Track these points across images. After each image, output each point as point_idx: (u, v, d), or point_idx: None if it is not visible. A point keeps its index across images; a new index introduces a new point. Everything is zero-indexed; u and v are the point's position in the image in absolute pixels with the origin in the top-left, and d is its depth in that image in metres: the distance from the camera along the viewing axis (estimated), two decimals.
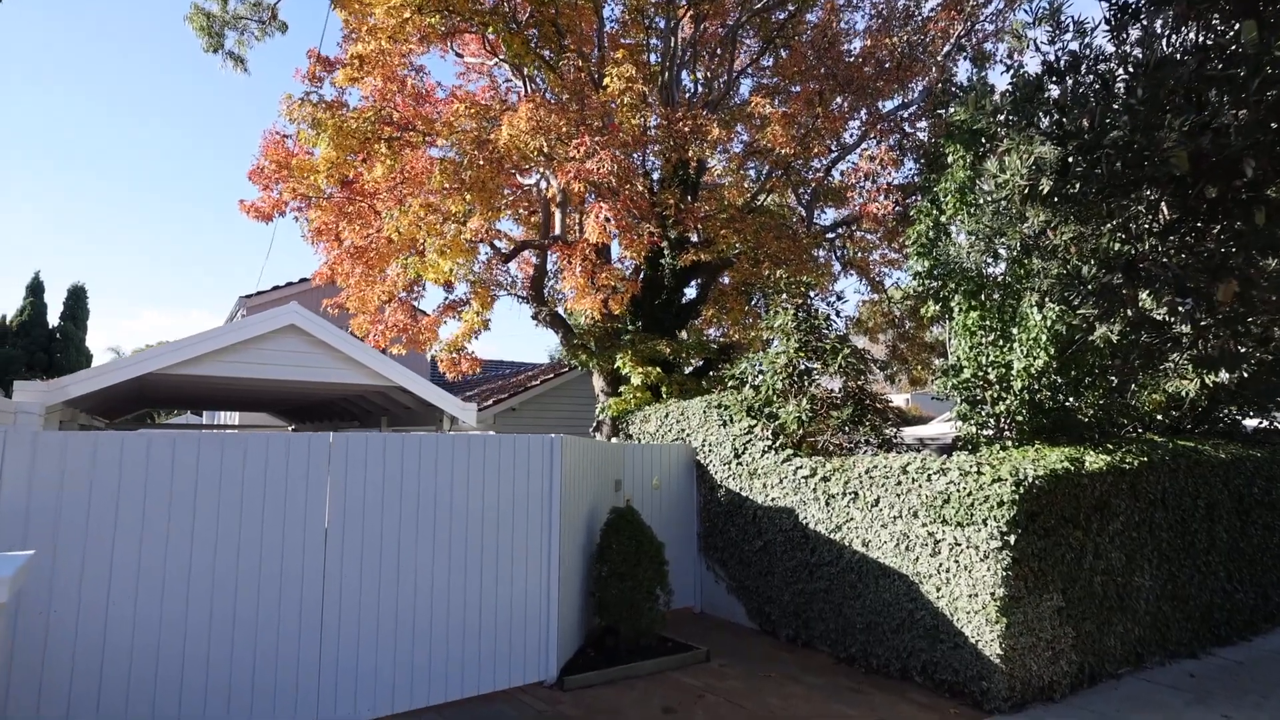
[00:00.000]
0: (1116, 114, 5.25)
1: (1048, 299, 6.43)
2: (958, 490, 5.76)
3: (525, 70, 11.27)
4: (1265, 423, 9.20)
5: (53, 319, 24.97)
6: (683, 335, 12.90)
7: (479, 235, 11.00)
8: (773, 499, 7.50)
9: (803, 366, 8.24)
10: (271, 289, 17.26)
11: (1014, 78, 6.47)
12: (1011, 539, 5.43)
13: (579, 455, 6.91)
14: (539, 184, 11.52)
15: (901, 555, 6.18)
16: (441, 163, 9.97)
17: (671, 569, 7.10)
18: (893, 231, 13.06)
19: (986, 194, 6.30)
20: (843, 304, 15.59)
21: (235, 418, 18.52)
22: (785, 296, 8.86)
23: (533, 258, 12.69)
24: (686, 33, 12.25)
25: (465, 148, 9.75)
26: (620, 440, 10.08)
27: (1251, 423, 9.19)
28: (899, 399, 21.01)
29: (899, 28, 12.57)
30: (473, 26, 10.90)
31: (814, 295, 9.09)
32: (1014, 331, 6.74)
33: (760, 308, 13.23)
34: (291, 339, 8.09)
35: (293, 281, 17.37)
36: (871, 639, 6.42)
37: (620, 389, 10.81)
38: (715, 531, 8.33)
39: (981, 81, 7.18)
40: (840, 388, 8.26)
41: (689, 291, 12.94)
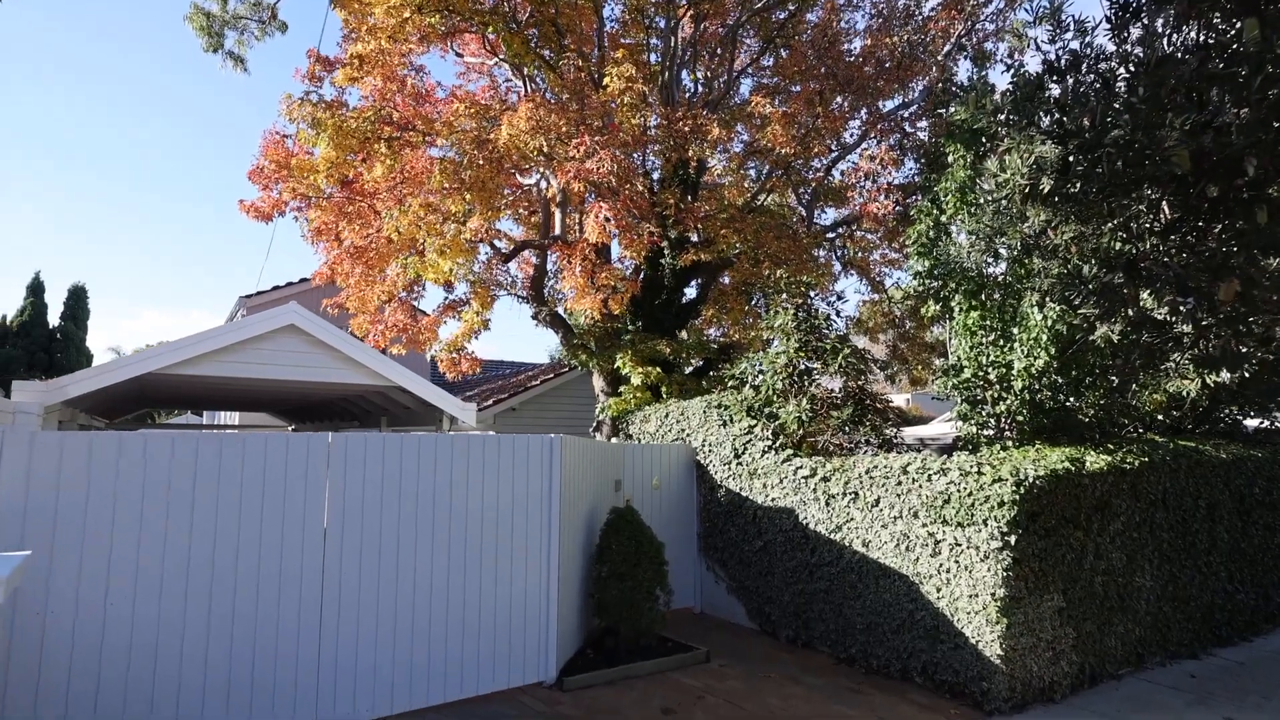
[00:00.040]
0: (1117, 113, 5.23)
1: (1048, 299, 6.42)
2: (958, 490, 5.75)
3: (525, 70, 11.26)
4: (1266, 423, 9.18)
5: (53, 319, 24.97)
6: (683, 335, 12.89)
7: (479, 235, 10.99)
8: (773, 499, 7.48)
9: (803, 366, 8.23)
10: (272, 289, 17.26)
11: (1015, 77, 6.45)
12: (1012, 539, 5.42)
13: (579, 455, 6.90)
14: (539, 184, 11.51)
15: (902, 555, 6.16)
16: (441, 162, 9.96)
17: (671, 569, 7.09)
18: (893, 231, 13.06)
19: (987, 193, 6.29)
20: (843, 304, 15.63)
21: (235, 418, 18.51)
22: (785, 296, 8.85)
23: (533, 257, 12.68)
24: (686, 32, 12.24)
25: (465, 147, 9.74)
26: (620, 440, 10.06)
27: (1252, 423, 9.18)
28: (899, 399, 20.99)
29: (899, 27, 12.57)
30: (473, 26, 10.89)
31: (814, 295, 9.08)
32: (1014, 331, 6.73)
33: (760, 308, 13.22)
34: (291, 339, 8.09)
35: (293, 281, 17.36)
36: (872, 639, 6.40)
37: (620, 389, 10.80)
38: (715, 532, 8.31)
39: (982, 81, 7.16)
40: (840, 388, 8.25)
41: (689, 291, 12.93)
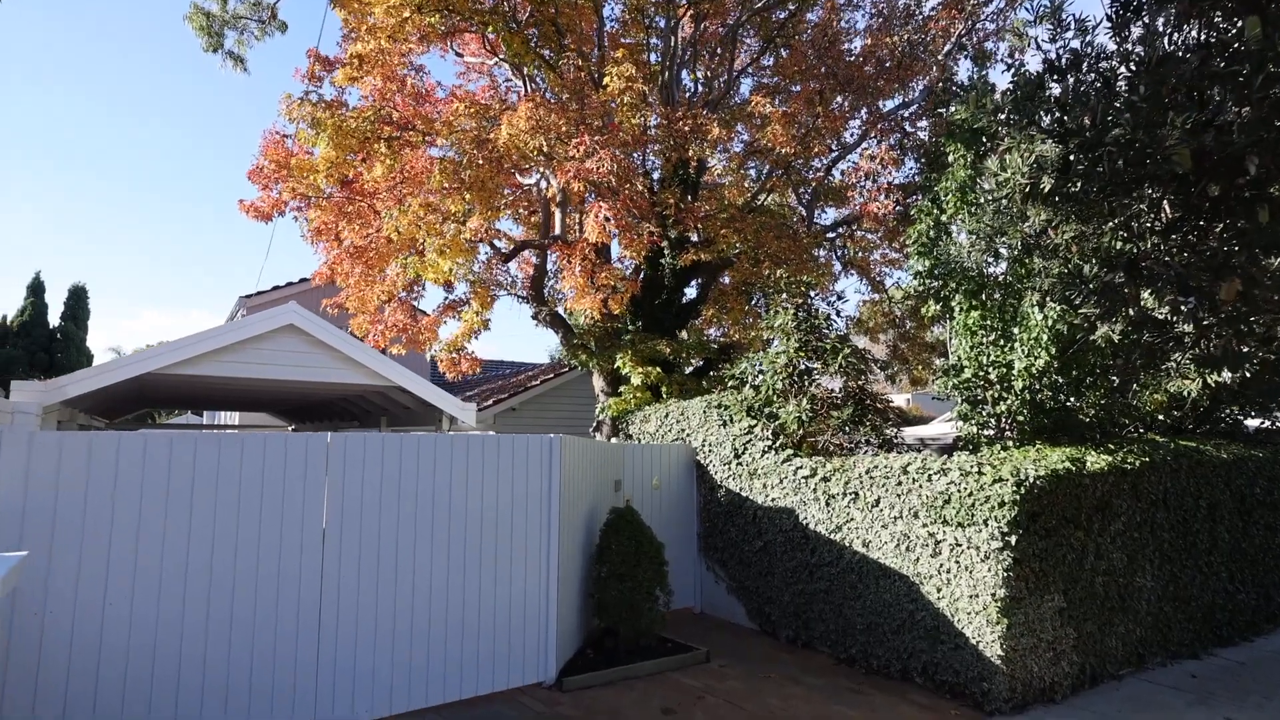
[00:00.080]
0: (1118, 111, 5.22)
1: (1049, 298, 6.40)
2: (958, 490, 5.73)
3: (525, 70, 11.25)
4: (1267, 423, 9.17)
5: (54, 319, 24.98)
6: (683, 335, 12.88)
7: (478, 235, 10.98)
8: (773, 499, 7.47)
9: (803, 366, 8.22)
10: (272, 289, 17.25)
11: (1015, 76, 6.43)
12: (1012, 539, 5.40)
13: (578, 455, 6.89)
14: (539, 184, 11.50)
15: (902, 556, 6.15)
16: (441, 162, 9.94)
17: (671, 569, 7.08)
18: (893, 231, 13.04)
19: (987, 193, 6.27)
20: (843, 304, 15.60)
21: (235, 418, 18.52)
22: (785, 296, 8.84)
23: (533, 257, 12.67)
24: (687, 32, 12.23)
25: (465, 147, 9.73)
26: (620, 440, 10.05)
27: (1253, 423, 9.17)
28: (900, 399, 20.98)
29: (900, 27, 12.56)
30: (472, 26, 10.88)
31: (814, 295, 9.06)
32: (1015, 331, 6.71)
33: (760, 307, 13.21)
34: (290, 339, 8.08)
35: (293, 281, 17.36)
36: (872, 640, 6.39)
37: (620, 389, 10.79)
38: (715, 532, 8.30)
39: (982, 80, 7.15)
40: (840, 388, 8.23)
41: (689, 291, 12.92)
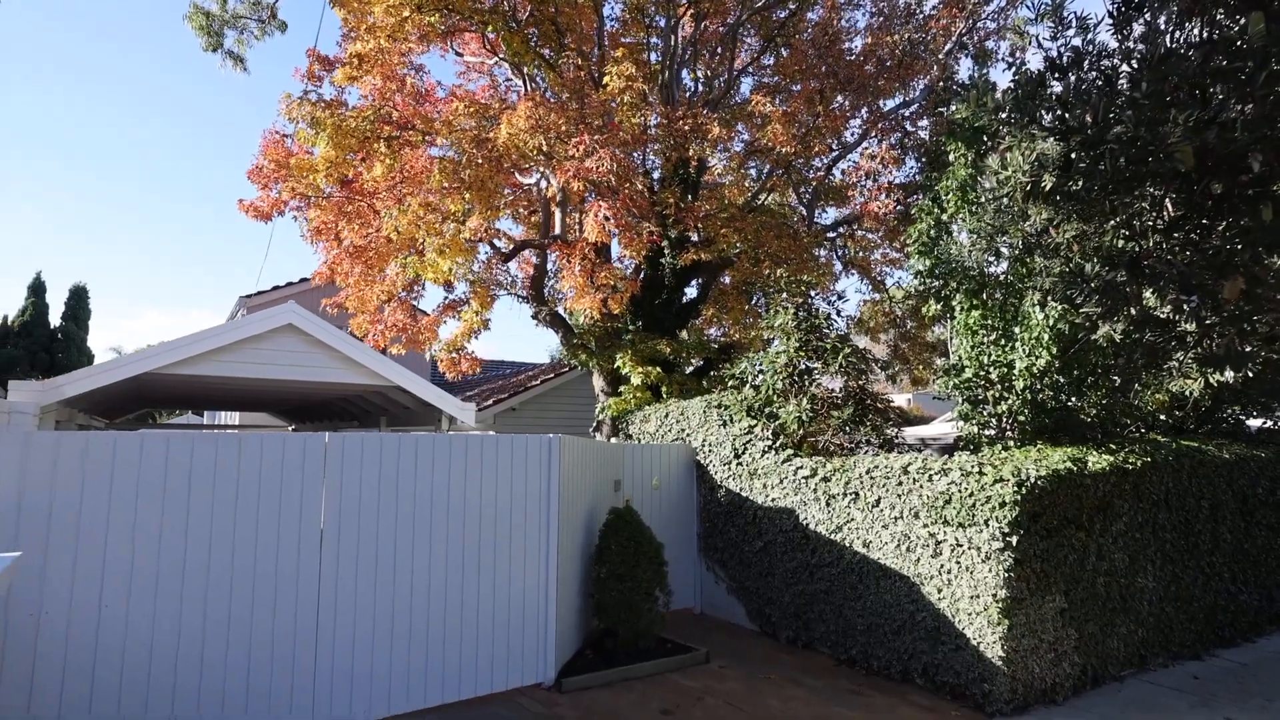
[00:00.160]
0: (1120, 109, 5.18)
1: (1050, 297, 6.37)
2: (959, 491, 5.70)
3: (525, 69, 11.23)
4: (1269, 423, 9.13)
5: (54, 319, 24.98)
6: (683, 335, 12.86)
7: (478, 234, 10.95)
8: (773, 499, 7.44)
9: (803, 366, 8.19)
10: (272, 289, 17.24)
11: (1016, 75, 6.40)
12: (1013, 540, 5.38)
13: (578, 455, 6.86)
14: (539, 183, 11.48)
15: (902, 556, 6.12)
16: (441, 162, 9.92)
17: (671, 570, 7.05)
18: (894, 230, 13.02)
19: (988, 191, 6.24)
20: (844, 303, 15.60)
21: (235, 418, 18.51)
22: (786, 296, 8.82)
23: (533, 257, 12.64)
24: (687, 31, 12.20)
25: (464, 147, 9.71)
26: (620, 440, 10.03)
27: (1255, 423, 9.13)
28: (900, 399, 20.94)
29: (900, 26, 12.53)
30: (472, 25, 10.86)
31: (815, 294, 9.05)
32: (1016, 330, 6.69)
33: (761, 307, 13.19)
34: (289, 339, 8.06)
35: (293, 281, 17.35)
36: (872, 641, 6.36)
37: (620, 389, 10.76)
38: (715, 532, 8.27)
39: (983, 79, 7.13)
40: (841, 387, 8.20)
41: (689, 291, 12.90)
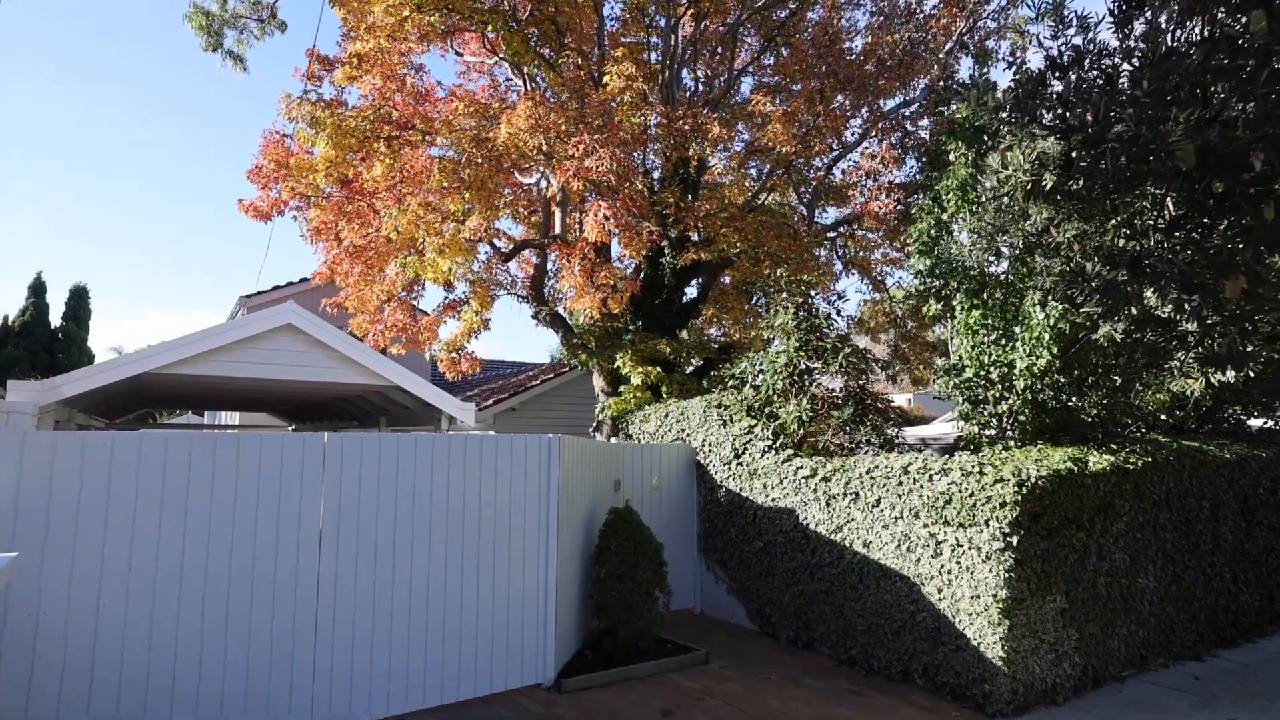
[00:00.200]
0: (1121, 107, 5.16)
1: (1051, 297, 6.35)
2: (959, 491, 5.69)
3: (525, 69, 11.22)
4: (1271, 423, 9.11)
5: (55, 319, 24.97)
6: (683, 335, 12.84)
7: (478, 234, 10.94)
8: (773, 499, 7.43)
9: (803, 366, 8.18)
10: (272, 289, 17.24)
11: (1017, 74, 6.39)
12: (1014, 540, 5.36)
13: (577, 455, 6.85)
14: (538, 183, 11.46)
15: (903, 556, 6.11)
16: (440, 161, 9.91)
17: (671, 570, 7.04)
18: (894, 230, 13.00)
19: (988, 191, 6.22)
20: (844, 303, 15.61)
21: (235, 418, 18.51)
22: (786, 295, 8.81)
23: (533, 257, 12.63)
24: (687, 31, 12.19)
25: (464, 146, 9.69)
26: (620, 440, 10.01)
27: (1256, 423, 9.11)
28: (901, 399, 20.92)
29: (900, 25, 12.51)
30: (472, 25, 10.85)
31: (815, 294, 9.05)
32: (1016, 330, 6.67)
33: (761, 307, 13.18)
34: (288, 338, 8.05)
35: (293, 281, 17.34)
36: (872, 641, 6.34)
37: (620, 389, 10.75)
38: (715, 532, 8.26)
39: (984, 78, 7.13)
40: (841, 387, 8.19)
41: (689, 291, 12.88)
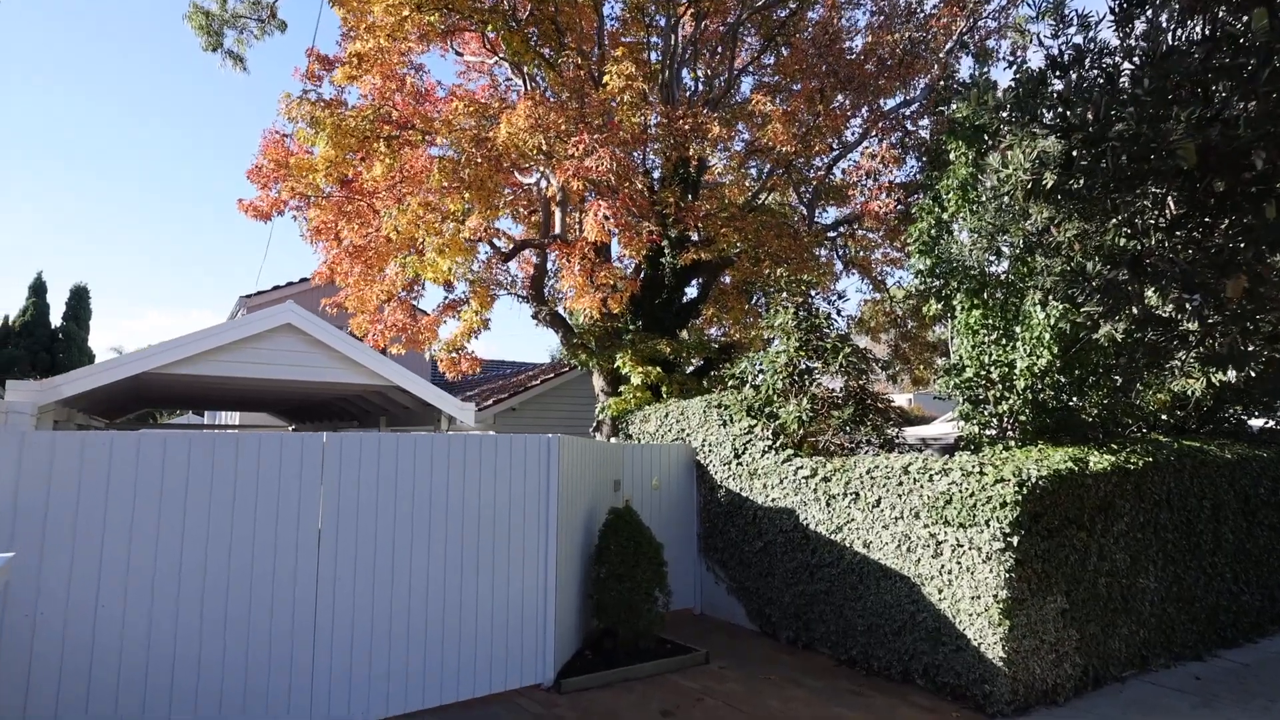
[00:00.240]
0: (1122, 106, 5.15)
1: (1051, 297, 6.34)
2: (960, 491, 5.67)
3: (525, 69, 11.21)
4: (1272, 423, 9.10)
5: (55, 319, 24.95)
6: (683, 335, 12.83)
7: (478, 234, 10.93)
8: (773, 499, 7.42)
9: (803, 366, 8.17)
10: (272, 289, 17.24)
11: (1017, 73, 6.37)
12: (1014, 540, 5.35)
13: (577, 455, 6.84)
14: (538, 182, 11.45)
15: (903, 557, 6.09)
16: (440, 161, 9.90)
17: (671, 570, 7.03)
18: (894, 230, 12.98)
19: (989, 190, 6.21)
20: (844, 303, 15.56)
21: (236, 418, 18.50)
22: (786, 295, 8.79)
23: (532, 257, 12.62)
24: (687, 30, 12.18)
25: (464, 146, 9.68)
26: (620, 440, 10.00)
27: (1258, 423, 9.10)
28: (901, 399, 20.91)
29: (901, 24, 12.51)
30: (472, 25, 10.84)
31: (815, 294, 9.04)
32: (1017, 330, 6.66)
33: (761, 307, 13.17)
34: (288, 338, 8.04)
35: (293, 281, 17.34)
36: (873, 641, 6.33)
37: (620, 389, 10.74)
38: (715, 532, 8.25)
39: (984, 77, 7.12)
40: (841, 387, 8.18)
41: (689, 291, 12.87)
